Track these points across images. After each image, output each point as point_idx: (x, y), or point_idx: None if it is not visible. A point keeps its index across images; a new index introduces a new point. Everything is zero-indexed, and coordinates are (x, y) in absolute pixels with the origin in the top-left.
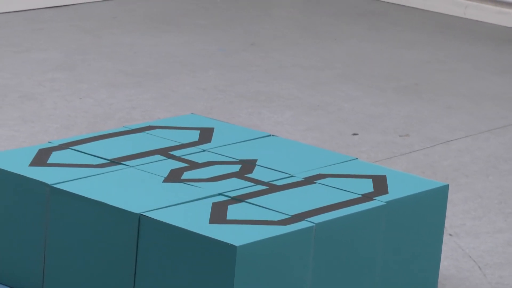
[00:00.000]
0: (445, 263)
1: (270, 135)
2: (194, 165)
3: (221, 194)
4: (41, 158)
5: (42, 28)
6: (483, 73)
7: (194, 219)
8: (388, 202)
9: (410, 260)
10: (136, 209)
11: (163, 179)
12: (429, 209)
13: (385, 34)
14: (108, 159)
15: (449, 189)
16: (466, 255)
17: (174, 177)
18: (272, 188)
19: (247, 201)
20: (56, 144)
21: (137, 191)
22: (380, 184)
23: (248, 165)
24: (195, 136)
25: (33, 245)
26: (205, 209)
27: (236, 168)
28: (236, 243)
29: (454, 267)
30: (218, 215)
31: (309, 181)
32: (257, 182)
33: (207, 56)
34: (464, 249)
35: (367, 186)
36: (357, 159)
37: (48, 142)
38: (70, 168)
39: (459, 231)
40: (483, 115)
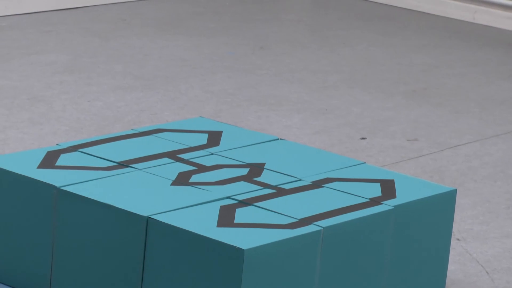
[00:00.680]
0: (452, 267)
1: (278, 139)
2: (202, 168)
3: (229, 198)
4: (49, 161)
5: (51, 31)
6: (491, 78)
7: (202, 222)
8: (396, 207)
9: (418, 264)
10: (144, 212)
11: (171, 182)
12: (437, 213)
13: (394, 38)
14: (116, 162)
15: (457, 194)
16: (473, 260)
17: (182, 180)
18: (280, 192)
19: (255, 204)
20: (65, 147)
21: (145, 194)
22: (388, 188)
23: (256, 169)
24: (203, 139)
25: (41, 247)
26: (213, 212)
27: (244, 171)
28: (244, 246)
29: (461, 271)
30: (226, 218)
31: (317, 185)
32: (265, 185)
33: (216, 59)
34: (472, 254)
35: (375, 190)
36: (365, 163)
37: (57, 145)
38: (78, 171)
39: (466, 235)
40: (491, 120)
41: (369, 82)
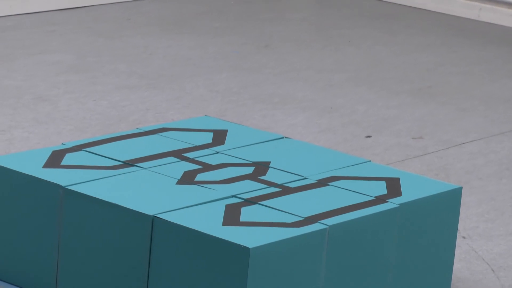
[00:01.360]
0: (458, 265)
1: (283, 137)
2: (207, 167)
3: (234, 196)
4: (54, 160)
5: (55, 30)
6: (496, 76)
7: (208, 221)
8: (401, 205)
9: (423, 262)
10: (149, 211)
11: (176, 181)
12: (442, 211)
13: (398, 37)
14: (121, 161)
15: (462, 192)
16: (479, 257)
17: (187, 179)
18: (285, 190)
19: (260, 203)
20: (70, 146)
21: (150, 193)
22: (394, 186)
23: (261, 167)
24: (208, 138)
25: (47, 247)
26: (218, 211)
27: (250, 170)
28: (250, 245)
29: (467, 269)
30: (231, 217)
31: (322, 183)
32: (270, 184)
33: (221, 58)
34: (477, 251)
35: (381, 189)
36: (370, 161)
37: (62, 144)
38: (83, 170)
39: (472, 233)
40: (496, 118)
41: (374, 80)
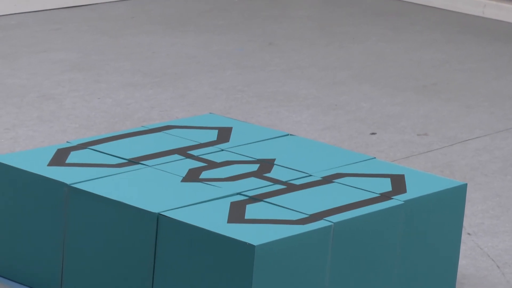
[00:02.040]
0: (463, 262)
1: (288, 135)
2: (212, 165)
3: (239, 194)
4: (59, 158)
5: (59, 29)
6: (502, 72)
7: (213, 218)
8: (406, 201)
9: (428, 259)
10: (154, 208)
11: (181, 178)
12: (447, 208)
13: (403, 34)
14: (126, 159)
15: (467, 188)
16: (484, 254)
17: (192, 176)
18: (290, 188)
19: (265, 200)
20: (75, 144)
21: (155, 190)
22: (398, 183)
23: (266, 165)
24: (213, 135)
25: (52, 245)
26: (223, 208)
27: (255, 167)
28: (255, 242)
29: (472, 266)
30: (236, 214)
31: (327, 180)
32: (275, 181)
33: (225, 56)
34: (483, 248)
35: (385, 185)
36: (375, 158)
37: (67, 142)
38: (88, 168)
39: (477, 230)
40: (502, 115)
41: (378, 77)
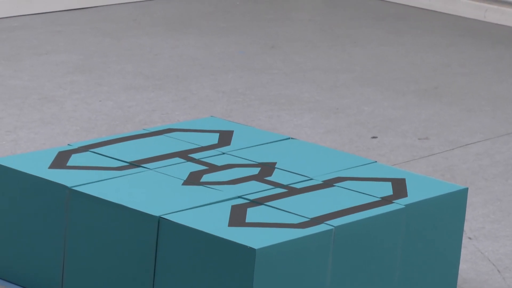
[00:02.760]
0: (464, 266)
1: (289, 138)
2: (213, 168)
3: (240, 197)
4: (60, 161)
5: (61, 31)
6: (503, 76)
7: (214, 222)
8: (407, 205)
9: (429, 263)
10: (155, 211)
11: (182, 181)
12: (448, 212)
13: (405, 37)
14: (127, 162)
15: (468, 193)
16: (485, 258)
17: (193, 179)
18: (291, 191)
19: (266, 204)
20: (76, 147)
21: (156, 193)
22: (399, 187)
23: (267, 168)
24: (214, 139)
25: (53, 247)
26: (224, 212)
27: (256, 171)
28: (255, 246)
29: (473, 270)
30: (237, 218)
31: (328, 184)
32: (276, 185)
33: (227, 58)
34: (483, 252)
35: (386, 189)
36: (376, 162)
37: (68, 145)
38: (89, 171)
39: (478, 234)
40: (503, 119)
41: (380, 81)
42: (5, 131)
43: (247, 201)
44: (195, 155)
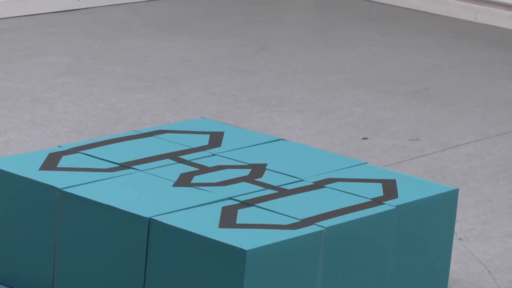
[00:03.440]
0: (455, 267)
1: (280, 139)
2: (204, 169)
3: (231, 198)
4: (51, 162)
5: (53, 32)
6: (494, 77)
7: (204, 223)
8: (398, 206)
9: (420, 264)
10: (146, 213)
11: (173, 183)
12: (439, 213)
13: (396, 38)
14: (118, 163)
15: (459, 194)
16: (476, 259)
17: (184, 181)
18: (281, 192)
19: (257, 205)
20: (66, 148)
21: (147, 195)
22: (390, 188)
23: (258, 169)
24: (205, 140)
25: (43, 249)
26: (215, 213)
27: (246, 172)
28: (246, 247)
29: (464, 271)
30: (227, 219)
31: (319, 185)
32: (267, 186)
33: (218, 60)
34: (474, 253)
35: (377, 190)
36: (367, 163)
37: (59, 146)
38: (80, 172)
39: (469, 235)
40: (494, 120)
41: (371, 82)
42: None
43: (238, 202)
44: (186, 157)
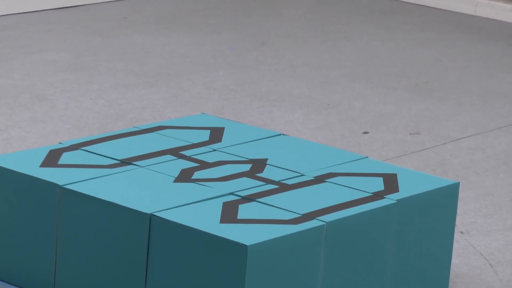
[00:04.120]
0: (456, 261)
1: (280, 134)
2: (204, 165)
3: (231, 194)
4: (52, 159)
5: (52, 29)
6: (494, 71)
7: (205, 218)
8: (398, 200)
9: (421, 258)
10: (147, 209)
11: (174, 179)
12: (440, 207)
13: (395, 32)
14: (118, 160)
15: (460, 187)
16: (477, 252)
17: (185, 177)
18: (282, 187)
19: (257, 200)
20: (67, 145)
21: (148, 191)
22: (391, 182)
23: (258, 164)
24: (205, 135)
25: (44, 246)
26: (216, 208)
27: (247, 167)
28: (247, 242)
29: (465, 264)
30: (229, 214)
31: (319, 180)
32: (267, 181)
33: (218, 55)
34: (475, 246)
35: (378, 185)
36: (367, 157)
37: (59, 143)
38: (81, 169)
39: (470, 228)
40: (494, 113)
41: (371, 76)
42: None
43: (239, 197)
44: (186, 152)
